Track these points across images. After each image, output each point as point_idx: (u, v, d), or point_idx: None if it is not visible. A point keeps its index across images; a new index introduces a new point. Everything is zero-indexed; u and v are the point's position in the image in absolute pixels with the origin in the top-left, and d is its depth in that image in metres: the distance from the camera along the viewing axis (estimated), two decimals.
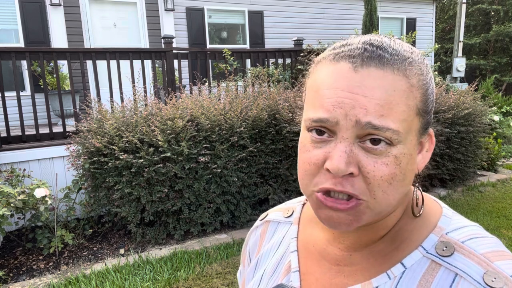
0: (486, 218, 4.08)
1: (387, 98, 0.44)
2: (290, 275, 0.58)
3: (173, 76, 5.04)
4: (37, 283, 2.94)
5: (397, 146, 0.45)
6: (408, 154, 0.47)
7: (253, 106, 3.80)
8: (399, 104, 0.45)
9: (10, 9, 6.11)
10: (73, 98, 4.52)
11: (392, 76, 0.45)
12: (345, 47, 0.48)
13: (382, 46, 0.47)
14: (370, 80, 0.44)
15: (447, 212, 0.53)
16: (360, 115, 0.44)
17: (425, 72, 0.49)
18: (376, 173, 0.44)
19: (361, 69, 0.45)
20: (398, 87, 0.45)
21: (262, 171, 3.89)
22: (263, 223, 0.70)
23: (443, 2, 19.44)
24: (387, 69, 0.45)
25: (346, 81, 0.45)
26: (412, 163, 0.48)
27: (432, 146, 0.53)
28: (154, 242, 3.62)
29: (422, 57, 0.50)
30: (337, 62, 0.47)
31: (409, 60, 0.47)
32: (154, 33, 7.05)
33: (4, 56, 4.16)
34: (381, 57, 0.45)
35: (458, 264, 0.46)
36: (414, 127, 0.47)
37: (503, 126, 6.67)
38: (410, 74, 0.46)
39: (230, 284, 2.87)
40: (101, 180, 3.52)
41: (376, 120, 0.43)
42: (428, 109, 0.49)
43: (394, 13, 9.88)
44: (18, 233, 3.85)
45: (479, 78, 9.64)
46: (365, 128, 0.44)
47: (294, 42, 5.81)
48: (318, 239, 0.59)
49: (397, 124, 0.44)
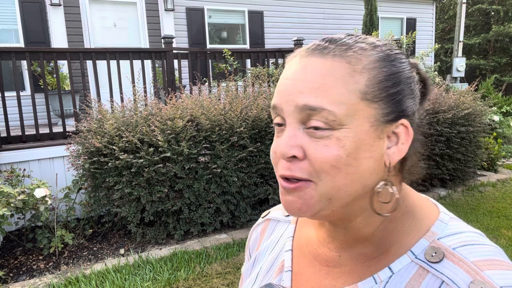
0: (486, 218, 4.08)
1: (322, 81, 0.46)
2: (282, 275, 0.59)
3: (173, 76, 5.04)
4: (37, 283, 2.94)
5: (340, 130, 0.45)
6: (357, 139, 0.46)
7: (253, 106, 3.80)
8: (336, 87, 0.46)
9: (10, 9, 6.11)
10: (73, 98, 4.52)
11: (331, 63, 0.47)
12: (308, 45, 0.52)
13: (334, 39, 0.49)
14: (309, 67, 0.47)
15: (443, 217, 0.51)
16: (298, 99, 0.47)
17: (383, 59, 0.48)
18: (317, 155, 0.46)
19: (304, 59, 0.49)
20: (335, 71, 0.46)
21: (262, 171, 3.89)
22: (264, 221, 0.72)
23: (443, 2, 19.44)
24: (327, 57, 0.47)
25: (291, 72, 0.49)
26: (368, 150, 0.46)
27: (408, 138, 0.50)
28: (154, 242, 3.62)
29: (389, 48, 0.50)
30: (293, 57, 0.52)
31: (356, 49, 0.48)
32: (154, 33, 7.05)
33: (4, 56, 4.16)
34: (325, 48, 0.48)
35: (445, 271, 0.45)
36: (361, 113, 0.46)
37: (503, 126, 6.67)
38: (354, 61, 0.47)
39: (230, 284, 2.87)
40: (101, 180, 3.52)
41: (312, 101, 0.46)
42: (383, 96, 0.47)
43: (394, 13, 9.88)
44: (18, 233, 3.85)
45: (479, 78, 9.64)
46: (304, 110, 0.46)
47: (294, 42, 5.81)
48: (311, 240, 0.60)
49: (333, 106, 0.45)
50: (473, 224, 4.02)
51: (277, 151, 0.48)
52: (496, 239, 3.58)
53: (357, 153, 0.46)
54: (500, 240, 3.56)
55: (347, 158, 0.45)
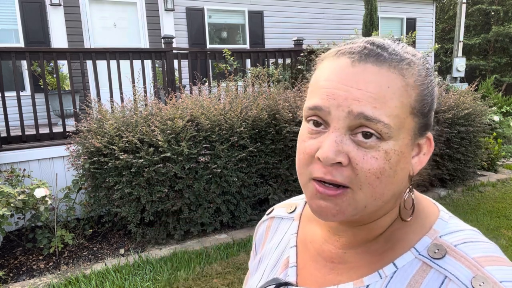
0: (486, 218, 4.08)
1: (380, 92, 0.46)
2: (287, 270, 0.61)
3: (173, 76, 5.04)
4: (37, 283, 2.94)
5: (388, 141, 0.46)
6: (400, 152, 0.47)
7: (253, 106, 3.80)
8: (393, 99, 0.46)
9: (10, 9, 6.11)
10: (73, 98, 4.52)
11: (388, 73, 0.47)
12: (348, 45, 0.50)
13: (383, 46, 0.49)
14: (365, 75, 0.46)
15: (443, 216, 0.54)
16: (353, 106, 0.45)
17: (424, 74, 0.50)
18: (364, 165, 0.46)
19: (358, 64, 0.47)
20: (393, 84, 0.46)
21: (262, 171, 3.89)
22: (269, 219, 0.73)
23: (443, 2, 19.44)
24: (383, 66, 0.47)
25: (342, 74, 0.47)
26: (404, 162, 0.49)
27: (430, 150, 0.53)
28: (154, 242, 3.61)
29: (425, 61, 0.51)
30: (338, 58, 0.50)
31: (408, 61, 0.48)
32: (154, 33, 7.05)
33: (4, 56, 4.16)
34: (379, 55, 0.48)
35: (448, 267, 0.47)
36: (407, 126, 0.48)
37: (503, 126, 6.67)
38: (407, 74, 0.47)
39: (230, 284, 2.87)
40: (101, 180, 3.52)
41: (369, 111, 0.45)
42: (425, 111, 0.50)
43: (394, 13, 9.89)
44: (18, 233, 3.85)
45: (479, 78, 9.64)
46: (358, 118, 0.45)
47: (294, 42, 5.80)
48: (316, 236, 0.61)
49: (389, 118, 0.46)
50: (473, 224, 4.03)
51: (320, 155, 0.46)
52: (496, 239, 3.58)
53: (397, 165, 0.48)
54: (500, 240, 3.56)
55: (390, 170, 0.47)
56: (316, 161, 0.48)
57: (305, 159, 0.49)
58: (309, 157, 0.49)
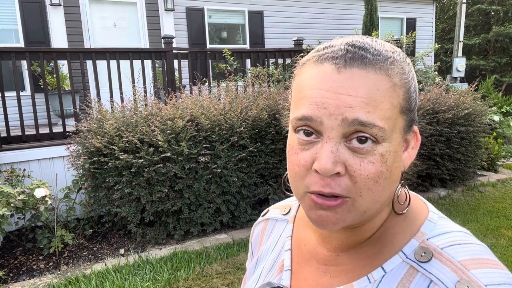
0: (486, 218, 4.08)
1: (371, 96, 0.45)
2: (282, 274, 0.61)
3: (173, 76, 5.04)
4: (37, 283, 2.94)
5: (382, 144, 0.46)
6: (394, 152, 0.48)
7: (253, 106, 3.80)
8: (383, 102, 0.46)
9: (10, 9, 6.11)
10: (73, 98, 4.52)
11: (375, 76, 0.46)
12: (328, 49, 0.49)
13: (364, 47, 0.48)
14: (353, 80, 0.45)
15: (432, 217, 0.53)
16: (347, 113, 0.44)
17: (407, 71, 0.49)
18: (362, 172, 0.45)
19: (344, 70, 0.46)
20: (381, 86, 0.46)
21: (262, 171, 3.89)
22: (264, 220, 0.73)
23: (443, 2, 19.44)
24: (369, 69, 0.46)
25: (330, 82, 0.46)
26: (398, 160, 0.49)
27: (417, 143, 0.53)
28: (154, 242, 3.61)
29: (404, 56, 0.51)
30: (320, 63, 0.48)
31: (391, 59, 0.48)
32: (154, 33, 7.05)
33: (4, 56, 4.16)
34: (363, 58, 0.46)
35: (433, 271, 0.47)
36: (398, 125, 0.48)
37: (503, 126, 6.67)
38: (392, 74, 0.47)
39: (230, 284, 2.87)
40: (101, 180, 3.52)
41: (363, 116, 0.44)
42: (411, 107, 0.50)
43: (394, 13, 9.89)
44: (18, 233, 3.85)
45: (479, 78, 9.64)
46: (352, 125, 0.44)
47: (294, 42, 5.81)
48: (309, 239, 0.61)
49: (383, 121, 0.45)
50: (473, 224, 4.01)
51: (318, 168, 0.45)
52: (496, 239, 3.58)
53: (393, 165, 0.48)
54: (500, 240, 3.56)
55: (387, 172, 0.47)
56: (312, 173, 0.46)
57: (301, 172, 0.48)
58: (305, 170, 0.47)
